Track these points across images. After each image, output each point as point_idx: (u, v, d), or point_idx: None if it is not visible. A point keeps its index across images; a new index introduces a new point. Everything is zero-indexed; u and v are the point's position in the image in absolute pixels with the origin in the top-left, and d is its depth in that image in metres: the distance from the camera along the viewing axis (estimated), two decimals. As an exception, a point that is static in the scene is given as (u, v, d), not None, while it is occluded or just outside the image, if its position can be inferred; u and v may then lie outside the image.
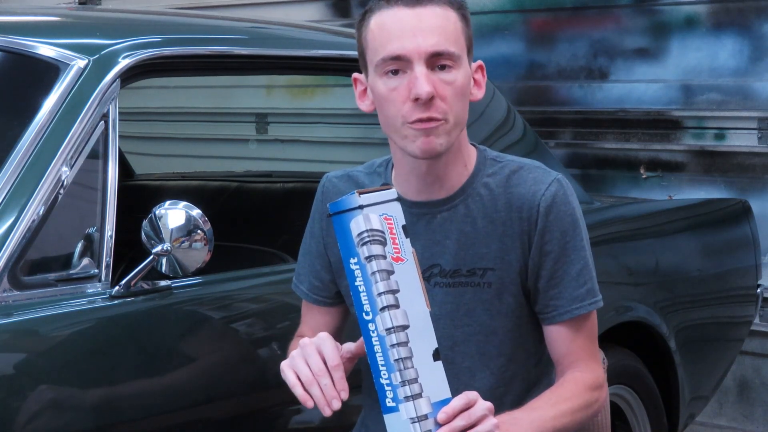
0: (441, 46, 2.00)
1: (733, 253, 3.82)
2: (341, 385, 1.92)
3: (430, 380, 1.85)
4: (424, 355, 1.86)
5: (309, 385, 1.92)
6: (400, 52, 2.00)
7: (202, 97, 5.97)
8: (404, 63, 2.01)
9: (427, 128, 2.00)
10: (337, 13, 5.78)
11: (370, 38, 2.05)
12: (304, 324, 2.29)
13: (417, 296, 1.87)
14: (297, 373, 1.94)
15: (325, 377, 1.92)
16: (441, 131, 2.01)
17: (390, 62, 2.01)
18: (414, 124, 2.00)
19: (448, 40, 2.02)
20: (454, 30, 2.04)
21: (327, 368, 1.93)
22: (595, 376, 2.13)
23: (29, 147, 2.35)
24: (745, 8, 4.59)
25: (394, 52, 2.00)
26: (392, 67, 2.02)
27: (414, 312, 1.86)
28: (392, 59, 2.01)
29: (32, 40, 2.58)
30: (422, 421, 1.84)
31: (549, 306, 2.12)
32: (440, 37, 2.01)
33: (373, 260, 1.84)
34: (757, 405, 4.71)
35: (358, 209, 1.85)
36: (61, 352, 2.29)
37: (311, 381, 1.92)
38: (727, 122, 4.64)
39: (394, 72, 2.02)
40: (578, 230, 2.11)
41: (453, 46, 2.02)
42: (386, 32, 2.02)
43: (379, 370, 1.84)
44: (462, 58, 2.04)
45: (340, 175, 2.24)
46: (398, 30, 2.01)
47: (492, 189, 2.11)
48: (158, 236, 2.35)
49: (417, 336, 1.85)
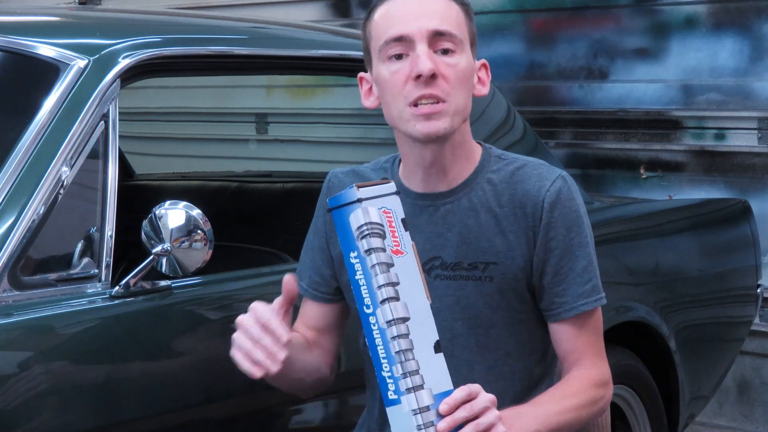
0: (443, 26, 2.05)
1: (733, 253, 3.82)
2: (281, 331, 1.95)
3: (431, 372, 1.86)
4: (425, 347, 1.87)
5: (252, 353, 1.96)
6: (402, 32, 2.04)
7: (202, 97, 5.97)
8: (407, 45, 2.04)
9: (428, 113, 2.03)
10: (337, 13, 5.78)
11: (374, 29, 2.10)
12: (299, 320, 2.29)
13: (417, 288, 1.88)
14: (240, 350, 1.98)
15: (263, 337, 1.96)
16: (442, 113, 2.04)
17: (393, 44, 2.05)
18: (417, 107, 2.03)
19: (450, 23, 2.06)
20: (457, 18, 2.08)
21: (263, 328, 1.96)
22: (601, 373, 2.13)
23: (29, 147, 2.35)
24: (745, 8, 4.59)
25: (397, 33, 2.05)
26: (395, 50, 2.05)
27: (414, 304, 1.87)
28: (395, 41, 2.05)
29: (32, 40, 2.58)
30: (424, 413, 1.85)
31: (554, 303, 2.12)
32: (442, 19, 2.06)
33: (373, 253, 1.86)
34: (757, 405, 4.71)
35: (356, 203, 1.87)
36: (61, 352, 2.29)
37: (251, 348, 1.96)
38: (727, 122, 4.64)
39: (397, 57, 2.05)
40: (582, 227, 2.12)
41: (456, 29, 2.06)
42: (389, 18, 2.07)
43: (380, 362, 1.86)
44: (464, 45, 2.08)
45: (345, 171, 2.25)
46: (401, 14, 2.06)
47: (496, 184, 2.12)
48: (158, 236, 2.35)
49: (418, 328, 1.86)
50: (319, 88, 5.77)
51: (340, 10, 5.77)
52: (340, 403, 2.70)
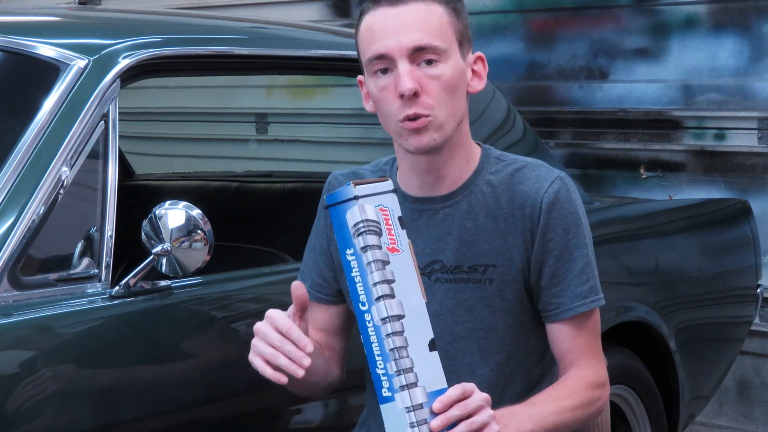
0: (423, 41, 2.03)
1: (733, 253, 3.82)
2: (302, 342, 1.93)
3: (425, 370, 1.86)
4: (420, 345, 1.87)
5: (275, 359, 1.93)
6: (382, 51, 2.04)
7: (202, 97, 5.97)
8: (389, 61, 2.04)
9: (415, 127, 2.03)
10: (337, 13, 5.78)
11: (360, 40, 2.10)
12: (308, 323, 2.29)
13: (413, 287, 1.89)
14: (261, 356, 1.95)
15: (285, 344, 1.93)
16: (431, 128, 2.04)
17: (376, 62, 2.05)
18: (404, 123, 2.03)
19: (431, 34, 2.04)
20: (439, 24, 2.05)
21: (284, 335, 1.93)
22: (598, 375, 2.13)
23: (29, 147, 2.35)
24: (745, 8, 4.59)
25: (377, 51, 2.04)
26: (379, 66, 2.05)
27: (409, 302, 1.87)
28: (377, 58, 2.05)
29: (32, 40, 2.58)
30: (417, 410, 1.85)
31: (552, 303, 2.12)
32: (422, 32, 2.03)
33: (369, 250, 1.86)
34: (757, 405, 4.71)
35: (353, 200, 1.87)
36: (61, 353, 2.29)
37: (275, 354, 1.93)
38: (727, 122, 4.64)
39: (383, 71, 2.05)
40: (581, 228, 2.12)
41: (437, 39, 2.04)
42: (371, 33, 2.07)
43: (375, 360, 1.86)
44: (449, 52, 2.06)
45: (345, 173, 2.26)
46: (381, 30, 2.05)
47: (495, 186, 2.12)
48: (158, 236, 2.35)
49: (412, 326, 1.87)
50: (319, 88, 5.77)
51: (340, 10, 5.77)
52: (340, 403, 2.70)
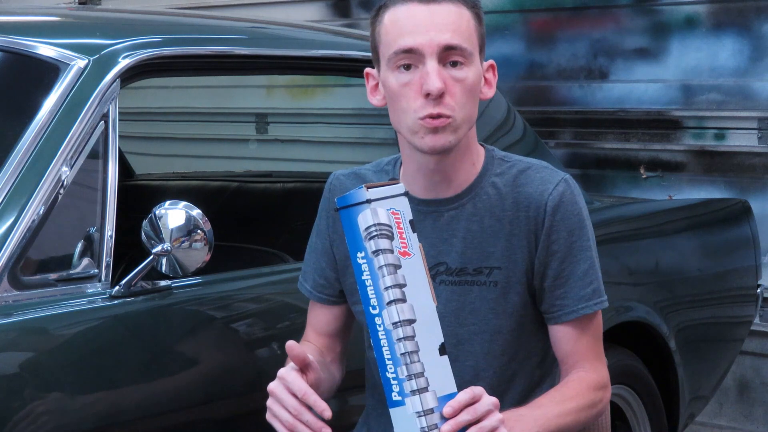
0: (454, 40, 2.02)
1: (733, 253, 3.82)
2: (320, 407, 1.92)
3: (436, 374, 1.86)
4: (431, 349, 1.87)
5: (294, 428, 1.93)
6: (412, 45, 2.01)
7: (202, 97, 5.97)
8: (416, 57, 2.02)
9: (436, 126, 2.01)
10: (337, 13, 5.78)
11: (383, 33, 2.07)
12: (309, 326, 2.29)
13: (424, 291, 1.88)
14: (280, 421, 1.95)
15: (303, 413, 1.92)
16: (449, 129, 2.02)
17: (402, 56, 2.03)
18: (424, 120, 2.01)
19: (461, 36, 2.03)
20: (467, 27, 2.05)
21: (300, 402, 1.93)
22: (600, 376, 2.13)
23: (29, 147, 2.35)
24: (745, 8, 4.59)
25: (406, 45, 2.02)
26: (404, 61, 2.03)
27: (420, 306, 1.87)
28: (404, 52, 2.02)
29: (32, 40, 2.58)
30: (428, 415, 1.85)
31: (555, 306, 2.12)
32: (453, 32, 2.02)
33: (381, 254, 1.85)
34: (757, 405, 4.71)
35: (365, 203, 1.87)
36: (61, 353, 2.29)
37: (294, 423, 1.93)
38: (727, 122, 4.64)
39: (406, 67, 2.03)
40: (585, 230, 2.12)
41: (466, 42, 2.03)
42: (399, 27, 2.04)
43: (385, 364, 1.86)
44: (474, 56, 2.05)
45: (347, 173, 2.25)
46: (412, 24, 2.03)
47: (499, 188, 2.12)
48: (158, 236, 2.35)
49: (423, 330, 1.86)
50: (319, 88, 5.77)
51: (340, 10, 5.77)
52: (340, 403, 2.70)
